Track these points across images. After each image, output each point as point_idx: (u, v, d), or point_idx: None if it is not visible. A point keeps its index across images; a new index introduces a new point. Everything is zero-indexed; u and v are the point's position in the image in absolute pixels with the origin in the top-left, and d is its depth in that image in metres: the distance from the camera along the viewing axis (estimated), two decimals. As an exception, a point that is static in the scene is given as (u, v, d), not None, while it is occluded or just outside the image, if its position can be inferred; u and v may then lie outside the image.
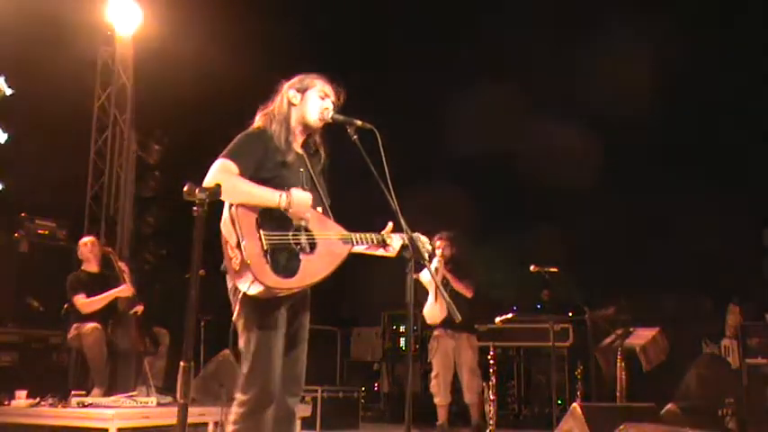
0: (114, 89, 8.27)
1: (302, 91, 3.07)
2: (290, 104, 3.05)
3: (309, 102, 3.05)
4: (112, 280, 5.85)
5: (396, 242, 3.02)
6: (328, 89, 3.10)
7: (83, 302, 5.62)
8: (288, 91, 3.07)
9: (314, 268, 2.83)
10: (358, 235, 2.98)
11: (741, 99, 8.71)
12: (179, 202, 2.55)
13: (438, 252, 6.04)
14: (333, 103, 3.09)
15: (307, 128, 3.07)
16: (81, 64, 8.05)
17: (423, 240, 3.01)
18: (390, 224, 3.03)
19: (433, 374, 6.06)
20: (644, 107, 9.04)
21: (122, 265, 6.06)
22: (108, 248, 6.26)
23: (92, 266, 5.94)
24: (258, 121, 3.07)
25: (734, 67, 8.74)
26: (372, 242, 3.01)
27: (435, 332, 6.09)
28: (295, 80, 3.11)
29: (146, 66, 8.32)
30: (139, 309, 5.82)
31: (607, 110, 9.03)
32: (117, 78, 8.29)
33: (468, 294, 6.01)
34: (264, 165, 2.90)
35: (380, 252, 3.07)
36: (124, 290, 5.78)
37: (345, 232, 2.97)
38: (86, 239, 6.14)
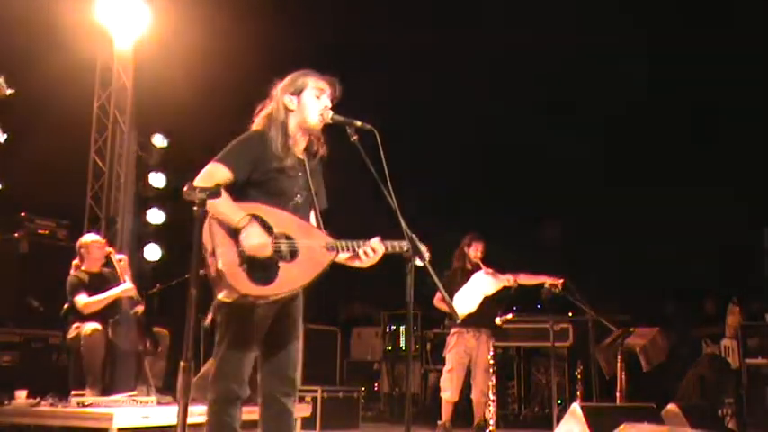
0: (114, 90, 8.26)
1: (297, 94, 3.02)
2: (287, 110, 3.01)
3: (307, 104, 3.01)
4: (112, 279, 5.83)
5: (379, 250, 2.96)
6: (322, 84, 3.04)
7: (84, 303, 5.54)
8: (283, 96, 3.02)
9: (293, 276, 2.82)
10: (343, 243, 2.95)
11: (741, 98, 8.72)
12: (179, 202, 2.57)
13: (474, 253, 6.02)
14: (329, 96, 3.05)
15: (308, 131, 3.05)
16: (81, 64, 8.05)
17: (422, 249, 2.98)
18: (378, 238, 2.99)
19: (446, 368, 5.95)
20: (643, 106, 9.06)
21: (124, 262, 6.01)
22: (108, 248, 6.22)
23: (94, 266, 5.85)
24: (257, 124, 3.05)
25: (734, 65, 8.74)
26: (356, 249, 2.95)
27: (455, 329, 6.03)
28: (287, 82, 3.06)
29: (146, 66, 8.33)
30: (140, 308, 5.79)
31: (607, 109, 9.04)
32: (117, 79, 8.29)
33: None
34: (259, 168, 2.90)
35: (356, 264, 3.01)
36: (128, 289, 5.73)
37: (330, 240, 2.94)
38: (98, 238, 6.05)
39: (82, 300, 5.55)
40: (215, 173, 2.82)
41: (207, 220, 2.75)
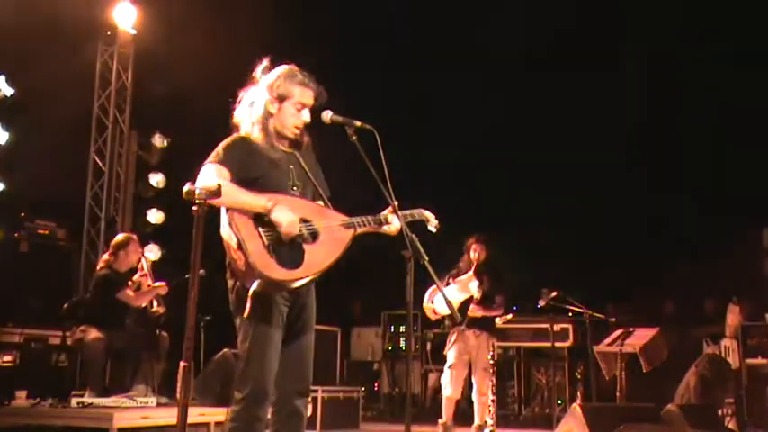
0: (114, 89, 8.27)
1: (280, 100, 3.01)
2: (269, 114, 3.01)
3: (286, 116, 3.01)
4: (131, 282, 5.89)
5: (395, 222, 3.02)
6: (307, 97, 3.03)
7: (132, 296, 5.70)
8: (267, 96, 3.01)
9: (319, 256, 2.86)
10: (358, 219, 3.01)
11: (741, 98, 8.72)
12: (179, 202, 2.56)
13: (474, 255, 6.05)
14: (311, 109, 3.04)
15: (282, 136, 3.05)
16: (81, 64, 8.05)
17: (427, 215, 3.16)
18: (390, 207, 3.01)
19: (447, 365, 5.94)
20: (644, 106, 9.06)
21: (148, 264, 6.07)
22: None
23: (125, 266, 5.90)
24: (238, 118, 3.07)
25: (735, 65, 8.74)
26: (371, 224, 3.03)
27: (455, 328, 6.03)
28: (274, 82, 3.03)
29: (146, 65, 8.33)
30: (161, 309, 5.86)
31: (607, 109, 9.04)
32: (117, 78, 8.30)
33: (499, 314, 6.07)
34: (249, 166, 2.91)
35: (384, 229, 3.07)
36: (163, 287, 5.84)
37: (346, 218, 2.99)
38: (137, 243, 6.07)
39: (128, 293, 5.68)
40: (214, 173, 2.81)
41: (227, 216, 2.78)
